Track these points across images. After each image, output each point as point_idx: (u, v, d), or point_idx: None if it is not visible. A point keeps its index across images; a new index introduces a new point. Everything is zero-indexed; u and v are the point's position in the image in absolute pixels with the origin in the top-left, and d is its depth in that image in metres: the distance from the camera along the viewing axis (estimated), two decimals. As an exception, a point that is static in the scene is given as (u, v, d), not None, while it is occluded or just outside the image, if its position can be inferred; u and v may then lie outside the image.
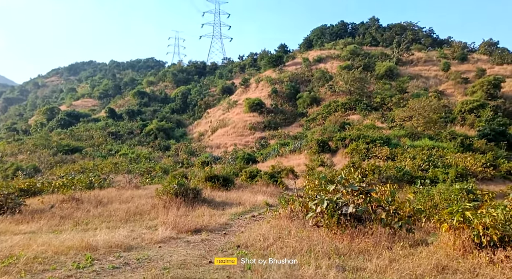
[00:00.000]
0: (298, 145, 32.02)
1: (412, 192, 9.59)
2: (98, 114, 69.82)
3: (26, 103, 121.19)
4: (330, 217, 6.97)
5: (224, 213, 9.99)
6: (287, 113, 51.71)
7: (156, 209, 10.12)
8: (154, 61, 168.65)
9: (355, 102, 45.76)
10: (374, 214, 7.08)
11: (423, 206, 8.41)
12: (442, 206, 8.31)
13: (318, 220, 7.38)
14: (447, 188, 9.91)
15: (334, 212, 6.99)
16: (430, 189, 10.64)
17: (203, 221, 8.50)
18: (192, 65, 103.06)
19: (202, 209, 10.16)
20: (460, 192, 8.95)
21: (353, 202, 7.15)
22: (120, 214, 9.57)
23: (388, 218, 6.85)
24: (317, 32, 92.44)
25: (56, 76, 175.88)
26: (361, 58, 63.02)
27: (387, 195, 7.37)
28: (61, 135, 48.15)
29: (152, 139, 47.33)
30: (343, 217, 6.96)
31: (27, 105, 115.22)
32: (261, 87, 61.89)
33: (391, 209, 7.02)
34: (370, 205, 7.17)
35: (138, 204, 11.01)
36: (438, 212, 7.82)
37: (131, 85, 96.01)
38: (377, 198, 7.21)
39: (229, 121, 51.09)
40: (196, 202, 11.18)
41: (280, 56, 75.44)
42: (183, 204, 10.58)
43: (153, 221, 8.76)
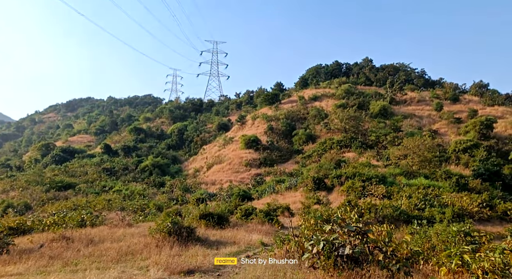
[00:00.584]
0: (294, 182, 31.84)
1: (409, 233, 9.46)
2: (93, 150, 69.65)
3: (21, 139, 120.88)
4: (326, 258, 6.81)
5: (218, 253, 9.74)
6: (283, 150, 51.90)
7: (149, 249, 9.86)
8: (151, 98, 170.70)
9: (350, 140, 46.16)
10: (371, 255, 6.93)
11: (420, 247, 8.27)
12: (440, 248, 8.17)
13: (314, 261, 7.20)
14: (444, 228, 9.80)
15: (330, 253, 6.84)
16: (427, 230, 10.51)
17: (196, 261, 8.27)
18: (189, 102, 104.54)
19: (195, 249, 9.92)
20: (457, 234, 8.85)
21: (350, 243, 7.02)
22: (112, 253, 9.30)
23: (385, 260, 6.71)
24: (312, 71, 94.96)
25: (53, 113, 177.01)
26: (355, 97, 64.37)
27: (384, 235, 7.26)
28: (55, 171, 47.65)
29: (147, 175, 46.96)
30: (340, 259, 6.81)
31: (22, 141, 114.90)
32: (257, 124, 62.53)
33: (388, 251, 6.90)
34: (367, 246, 7.04)
35: (130, 243, 10.74)
36: (436, 254, 7.67)
37: (128, 121, 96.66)
38: (374, 239, 7.10)
39: (224, 158, 51.05)
40: (189, 241, 10.93)
41: (276, 94, 76.92)
42: (176, 243, 10.34)
43: (145, 261, 8.51)
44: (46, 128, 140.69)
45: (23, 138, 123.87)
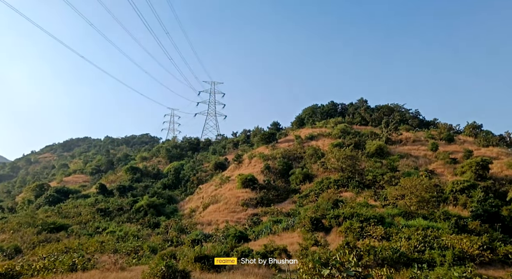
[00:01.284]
0: (291, 223, 31.33)
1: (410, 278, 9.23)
2: (88, 190, 68.92)
3: (15, 180, 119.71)
4: (325, 306, 6.61)
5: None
6: (279, 189, 51.54)
7: (141, 295, 9.52)
8: (149, 137, 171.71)
9: (347, 179, 46.07)
10: (371, 302, 6.74)
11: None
12: (441, 294, 7.94)
13: (313, 309, 6.98)
14: (445, 273, 9.57)
15: (329, 300, 6.65)
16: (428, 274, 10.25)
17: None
18: (186, 141, 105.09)
19: (190, 295, 9.59)
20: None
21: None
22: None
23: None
24: (308, 111, 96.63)
25: (49, 152, 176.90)
26: (351, 136, 65.07)
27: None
28: (48, 212, 46.75)
29: (142, 215, 46.11)
30: (339, 306, 6.61)
31: (17, 182, 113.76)
32: (254, 163, 62.54)
33: (388, 297, 6.72)
34: (367, 292, 6.87)
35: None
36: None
37: (124, 161, 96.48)
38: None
39: (221, 197, 50.50)
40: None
41: (273, 133, 77.70)
42: (170, 289, 10.01)
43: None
44: (41, 168, 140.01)
45: (17, 178, 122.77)
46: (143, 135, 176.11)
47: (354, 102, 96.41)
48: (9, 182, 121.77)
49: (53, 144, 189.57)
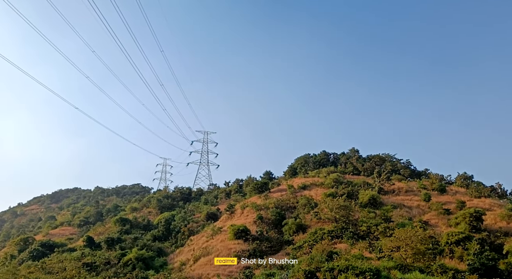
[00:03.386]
0: (285, 276, 30.30)
1: None
2: (75, 243, 66.61)
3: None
4: None
5: None
6: (272, 240, 50.29)
7: None
8: (140, 187, 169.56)
9: (341, 230, 45.39)
10: None
11: None
12: None
13: None
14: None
15: None
16: None
17: None
18: (178, 190, 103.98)
19: None
20: None
21: None
22: None
23: None
24: (301, 161, 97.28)
25: (37, 205, 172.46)
26: (344, 186, 65.10)
27: None
28: (31, 268, 44.58)
29: (130, 270, 44.23)
30: None
31: (0, 235, 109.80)
32: (247, 213, 61.60)
33: None
34: None
35: None
36: None
37: (114, 212, 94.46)
38: None
39: (212, 249, 48.99)
40: None
41: (266, 182, 77.43)
42: None
43: None
44: (27, 221, 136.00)
45: (1, 232, 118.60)
46: (134, 185, 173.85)
47: (346, 152, 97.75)
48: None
49: (41, 196, 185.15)
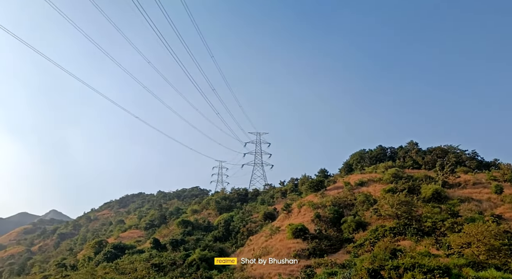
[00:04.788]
0: (347, 275, 29.79)
1: None
2: (143, 245, 70.74)
3: (77, 238, 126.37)
4: None
5: None
6: (332, 238, 49.61)
7: None
8: (198, 190, 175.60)
9: (404, 226, 43.55)
10: None
11: None
12: None
13: None
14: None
15: None
16: None
17: None
18: (235, 192, 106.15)
19: None
20: None
21: None
22: None
23: None
24: (356, 157, 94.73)
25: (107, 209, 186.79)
26: (404, 180, 62.40)
27: None
28: (106, 269, 48.28)
29: (194, 270, 46.07)
30: None
31: (78, 239, 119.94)
32: (304, 212, 61.31)
33: None
34: None
35: None
36: None
37: (176, 215, 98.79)
38: None
39: (272, 249, 49.46)
40: None
41: (321, 180, 76.47)
42: None
43: None
44: (100, 225, 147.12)
45: (78, 236, 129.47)
46: (193, 188, 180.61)
47: (404, 145, 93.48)
48: (71, 239, 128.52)
49: (110, 201, 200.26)
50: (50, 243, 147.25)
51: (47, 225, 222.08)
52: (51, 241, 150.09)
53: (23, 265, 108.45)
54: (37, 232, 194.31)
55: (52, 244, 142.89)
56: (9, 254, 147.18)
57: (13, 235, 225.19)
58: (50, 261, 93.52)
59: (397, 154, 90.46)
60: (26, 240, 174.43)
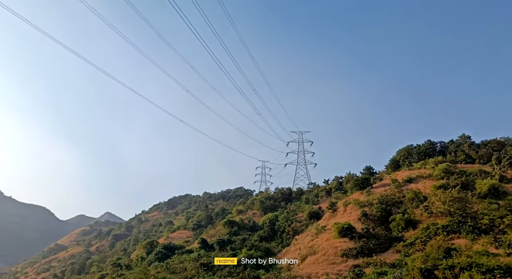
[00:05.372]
0: (399, 275, 28.88)
1: None
2: (191, 245, 72.85)
3: (130, 238, 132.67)
4: None
5: None
6: (380, 237, 48.18)
7: None
8: (243, 190, 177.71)
9: (458, 224, 41.37)
10: None
11: None
12: None
13: None
14: None
15: None
16: None
17: None
18: (279, 191, 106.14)
19: None
20: None
21: None
22: None
23: None
24: (403, 153, 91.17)
25: (156, 211, 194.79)
26: (456, 176, 59.18)
27: None
28: (158, 268, 50.33)
29: (242, 269, 46.74)
30: None
31: (131, 240, 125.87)
32: (350, 210, 60.09)
33: None
34: None
35: None
36: None
37: (221, 215, 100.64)
38: None
39: (318, 248, 48.98)
40: None
41: (367, 178, 74.53)
42: None
43: None
44: (151, 226, 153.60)
45: (131, 237, 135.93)
46: (238, 188, 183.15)
47: (455, 139, 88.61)
48: (125, 240, 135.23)
49: (159, 203, 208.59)
50: (106, 243, 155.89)
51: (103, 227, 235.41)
52: (106, 242, 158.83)
53: (82, 265, 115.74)
54: (94, 233, 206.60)
55: (107, 244, 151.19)
56: (70, 254, 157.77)
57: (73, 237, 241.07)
58: (107, 261, 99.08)
59: (447, 149, 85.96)
60: (84, 241, 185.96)
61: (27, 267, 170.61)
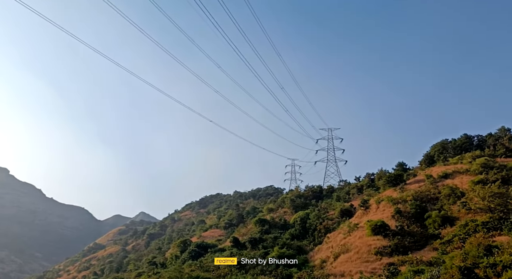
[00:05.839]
0: (436, 273, 28.04)
1: None
2: (223, 244, 73.83)
3: (164, 237, 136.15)
4: None
5: None
6: (415, 235, 46.89)
7: None
8: (273, 189, 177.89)
9: (499, 220, 39.59)
10: None
11: None
12: None
13: None
14: None
15: None
16: None
17: None
18: (309, 189, 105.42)
19: None
20: None
21: None
22: None
23: None
24: (438, 147, 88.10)
25: (189, 210, 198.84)
26: (496, 170, 56.61)
27: None
28: (192, 266, 51.35)
29: (274, 267, 46.88)
30: None
31: (165, 239, 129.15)
32: (383, 207, 58.86)
33: None
34: None
35: None
36: None
37: (252, 214, 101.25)
38: None
39: (351, 246, 48.35)
40: None
41: (400, 174, 72.70)
42: None
43: None
44: (183, 225, 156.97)
45: (165, 236, 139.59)
46: (268, 187, 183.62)
47: (494, 132, 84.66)
48: (159, 239, 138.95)
49: (191, 203, 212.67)
50: (141, 242, 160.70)
51: (138, 226, 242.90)
52: (142, 241, 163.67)
53: (120, 263, 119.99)
54: (130, 232, 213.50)
55: (143, 243, 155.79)
56: (108, 253, 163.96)
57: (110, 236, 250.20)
58: (143, 259, 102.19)
59: (485, 142, 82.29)
60: (121, 240, 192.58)
61: (69, 266, 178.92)
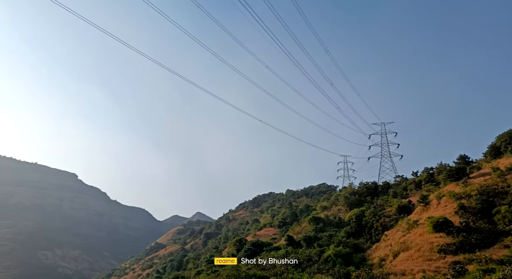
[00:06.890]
0: (509, 273, 26.22)
1: None
2: (278, 242, 74.27)
3: (220, 236, 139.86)
4: None
5: None
6: (483, 231, 43.96)
7: None
8: (325, 186, 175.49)
9: None
10: None
11: None
12: None
13: None
14: None
15: None
16: None
17: None
18: (363, 186, 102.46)
19: None
20: None
21: None
22: None
23: None
24: (505, 138, 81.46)
25: (242, 210, 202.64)
26: None
27: None
28: (249, 265, 52.27)
29: (330, 266, 46.38)
30: None
31: (221, 238, 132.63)
32: (444, 203, 55.77)
33: None
34: None
35: None
36: None
37: (306, 212, 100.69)
38: None
39: (411, 244, 46.45)
40: None
41: (462, 168, 68.37)
42: None
43: None
44: (238, 224, 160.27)
45: (221, 235, 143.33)
46: (320, 184, 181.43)
47: None
48: (215, 238, 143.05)
49: (244, 202, 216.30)
50: (199, 242, 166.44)
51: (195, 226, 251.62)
52: (199, 240, 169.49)
53: (180, 262, 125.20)
54: (187, 232, 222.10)
55: (200, 242, 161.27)
56: (168, 252, 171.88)
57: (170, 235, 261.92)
58: (201, 257, 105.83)
59: (561, 129, 74.87)
60: (180, 239, 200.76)
61: (134, 264, 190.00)
